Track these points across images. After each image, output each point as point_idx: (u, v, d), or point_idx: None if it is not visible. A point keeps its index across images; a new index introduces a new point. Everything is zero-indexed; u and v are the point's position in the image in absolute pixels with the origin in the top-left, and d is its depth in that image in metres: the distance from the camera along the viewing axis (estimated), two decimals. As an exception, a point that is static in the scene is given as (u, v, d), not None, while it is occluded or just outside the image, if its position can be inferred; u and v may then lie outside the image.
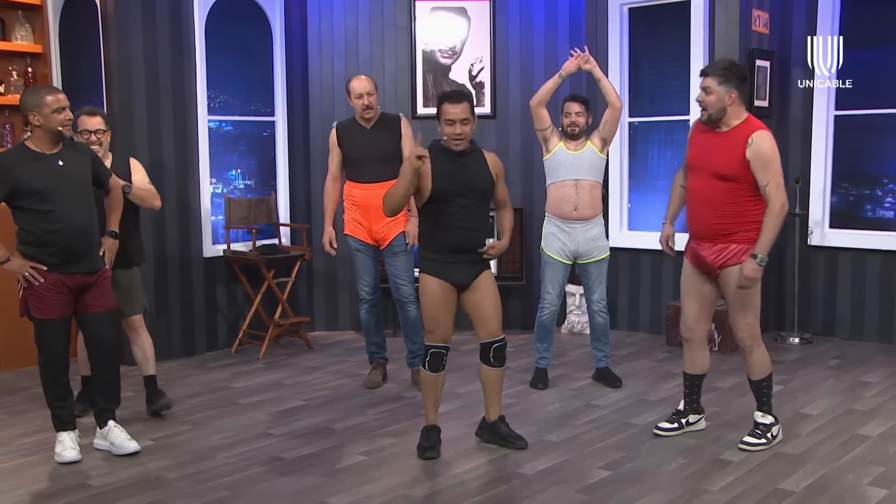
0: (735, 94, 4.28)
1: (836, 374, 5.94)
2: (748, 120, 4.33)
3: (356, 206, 5.68)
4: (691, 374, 4.74)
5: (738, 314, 4.45)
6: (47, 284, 4.29)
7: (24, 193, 4.23)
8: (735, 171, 4.26)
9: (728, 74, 4.28)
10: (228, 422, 5.08)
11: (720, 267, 4.40)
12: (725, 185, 4.29)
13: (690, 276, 4.59)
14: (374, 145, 5.61)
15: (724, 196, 4.30)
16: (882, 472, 4.19)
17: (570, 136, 5.58)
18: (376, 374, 5.88)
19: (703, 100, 4.33)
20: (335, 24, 7.42)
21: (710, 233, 4.39)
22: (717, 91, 4.27)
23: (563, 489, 4.03)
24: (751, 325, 4.45)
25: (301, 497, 3.96)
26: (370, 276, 5.76)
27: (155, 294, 6.41)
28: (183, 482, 4.15)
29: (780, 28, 7.22)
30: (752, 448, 4.48)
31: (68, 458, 4.39)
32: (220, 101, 6.92)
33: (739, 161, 4.24)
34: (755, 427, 4.57)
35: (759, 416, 4.58)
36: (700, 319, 4.61)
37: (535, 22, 7.47)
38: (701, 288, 4.56)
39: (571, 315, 7.45)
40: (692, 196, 4.47)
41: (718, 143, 4.33)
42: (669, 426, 4.77)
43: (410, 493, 4.00)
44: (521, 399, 5.38)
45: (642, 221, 7.41)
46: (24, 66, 6.71)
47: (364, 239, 5.70)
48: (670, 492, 3.97)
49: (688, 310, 4.63)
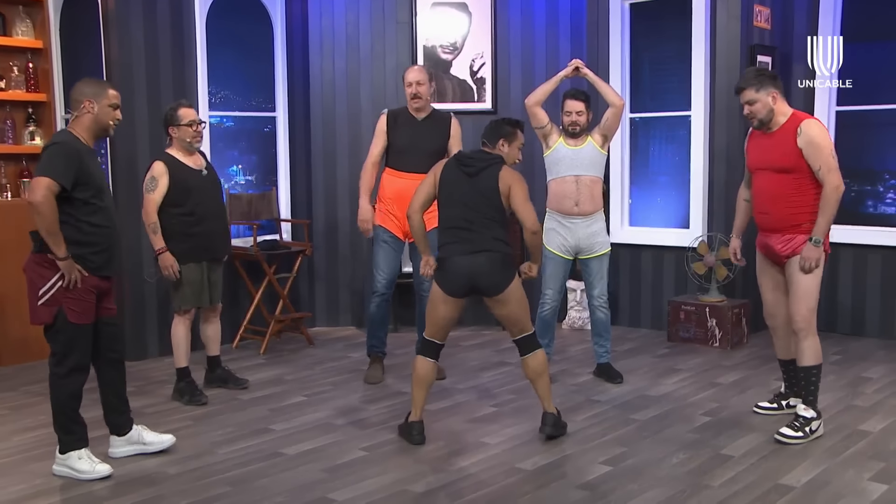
0: (775, 92, 4.51)
1: (837, 369, 5.93)
2: (794, 114, 4.56)
3: (392, 198, 5.67)
4: (785, 360, 4.93)
5: (797, 302, 4.58)
6: (87, 287, 4.13)
7: (84, 184, 4.06)
8: (792, 161, 4.47)
9: (761, 79, 4.52)
10: (229, 417, 5.08)
11: (788, 256, 4.58)
12: (787, 178, 4.50)
13: (763, 266, 4.83)
14: (422, 137, 5.64)
15: (788, 188, 4.51)
16: (883, 467, 4.18)
17: (570, 135, 5.58)
18: (377, 368, 5.88)
19: (750, 111, 4.56)
20: (336, 20, 7.41)
21: (779, 224, 4.58)
22: (760, 98, 4.50)
23: (564, 484, 4.03)
24: (808, 314, 4.57)
25: (302, 492, 3.96)
26: (390, 270, 5.75)
27: (156, 290, 6.42)
28: (184, 478, 4.15)
29: (781, 23, 7.21)
30: (788, 440, 4.52)
31: (105, 472, 4.14)
32: (221, 96, 6.91)
33: (794, 152, 4.46)
34: (794, 419, 4.61)
35: (802, 408, 4.62)
36: (778, 306, 4.81)
37: (536, 17, 7.46)
38: (774, 277, 4.78)
39: (572, 311, 7.45)
40: (759, 194, 4.68)
41: (772, 141, 4.57)
42: (769, 405, 4.99)
43: (411, 489, 4.00)
44: (522, 394, 5.37)
45: (643, 217, 7.40)
46: (25, 62, 6.69)
47: (394, 231, 5.71)
48: (671, 487, 3.96)
49: (766, 299, 4.86)
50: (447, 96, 7.40)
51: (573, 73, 5.67)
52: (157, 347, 6.49)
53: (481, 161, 4.52)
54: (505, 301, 4.46)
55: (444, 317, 4.51)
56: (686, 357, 6.42)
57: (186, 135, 5.24)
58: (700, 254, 6.85)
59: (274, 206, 7.16)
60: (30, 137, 6.63)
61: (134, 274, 6.33)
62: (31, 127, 6.66)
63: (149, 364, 6.32)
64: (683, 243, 7.07)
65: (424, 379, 4.57)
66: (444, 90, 7.39)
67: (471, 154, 4.59)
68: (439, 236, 4.56)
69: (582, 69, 5.65)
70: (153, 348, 6.49)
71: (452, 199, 4.50)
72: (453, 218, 4.48)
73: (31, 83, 6.67)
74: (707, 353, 6.55)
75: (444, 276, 4.47)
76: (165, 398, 5.45)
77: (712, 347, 6.70)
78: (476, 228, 4.43)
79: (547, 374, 4.61)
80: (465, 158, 4.56)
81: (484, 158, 4.53)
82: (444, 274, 4.47)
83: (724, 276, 6.73)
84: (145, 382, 5.83)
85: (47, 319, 4.09)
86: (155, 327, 6.48)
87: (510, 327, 4.57)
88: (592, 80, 5.67)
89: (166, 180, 5.17)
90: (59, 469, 4.18)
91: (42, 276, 4.08)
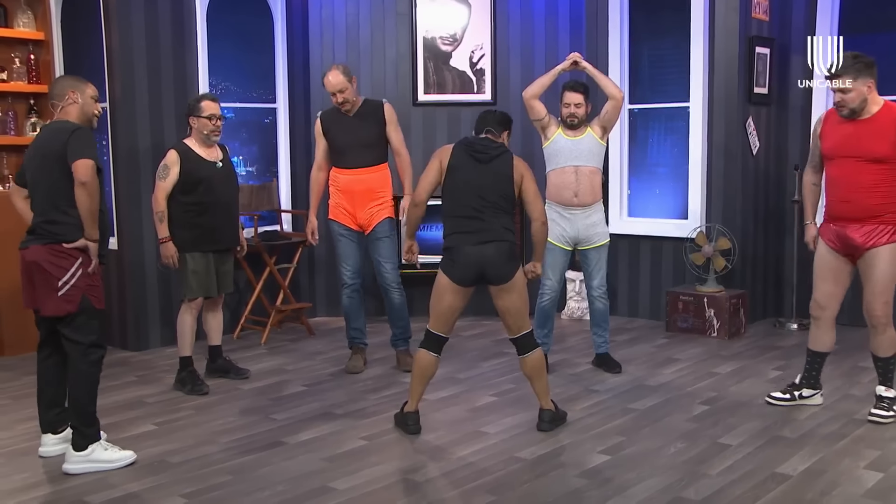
0: (871, 81, 4.45)
1: (833, 360, 5.92)
2: (887, 104, 4.51)
3: (341, 192, 5.71)
4: (816, 352, 4.90)
5: (878, 293, 4.57)
6: (98, 272, 4.16)
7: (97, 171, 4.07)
8: (888, 152, 4.43)
9: (860, 67, 4.44)
10: (230, 407, 5.10)
11: (870, 247, 4.53)
12: (877, 168, 4.46)
13: (827, 257, 4.73)
14: (357, 132, 5.65)
15: (876, 178, 4.47)
16: (878, 455, 4.20)
17: (569, 126, 5.58)
18: (358, 359, 5.90)
19: (842, 99, 4.48)
20: (336, 12, 7.40)
21: (862, 214, 4.52)
22: (856, 86, 4.43)
23: (563, 473, 4.04)
24: (888, 304, 4.58)
25: (302, 481, 3.97)
26: (353, 261, 5.79)
27: (158, 280, 6.43)
28: (186, 466, 4.16)
29: (779, 15, 7.20)
30: (883, 420, 4.62)
31: (132, 455, 4.18)
32: (221, 88, 6.91)
33: (892, 142, 4.41)
34: (880, 401, 4.70)
35: (883, 390, 4.71)
36: (832, 299, 4.75)
37: (535, 9, 7.45)
38: (838, 269, 4.71)
39: (571, 301, 7.46)
40: (837, 182, 4.60)
41: (866, 129, 4.48)
42: (782, 396, 4.97)
43: (411, 478, 4.01)
44: (521, 384, 5.38)
45: (642, 208, 7.40)
46: (27, 53, 6.70)
47: (348, 224, 5.74)
48: (669, 476, 3.98)
49: (821, 289, 4.77)
50: (447, 87, 7.40)
51: (571, 67, 5.66)
52: (159, 338, 6.50)
53: (493, 149, 4.48)
54: (509, 290, 4.44)
55: (451, 306, 4.46)
56: (684, 347, 6.43)
57: (205, 127, 5.27)
58: (698, 244, 6.85)
59: (274, 197, 7.16)
60: (31, 129, 6.63)
61: (135, 265, 6.33)
62: (33, 118, 6.67)
63: (151, 354, 6.34)
64: (682, 234, 7.08)
65: (425, 372, 4.55)
66: (444, 81, 7.39)
67: (481, 141, 4.53)
68: (446, 224, 4.49)
69: (580, 63, 5.64)
70: (155, 339, 6.50)
71: (461, 185, 4.44)
72: (462, 206, 4.42)
73: (32, 75, 6.68)
74: (705, 342, 6.56)
75: (453, 265, 4.41)
76: (167, 387, 5.47)
77: (710, 337, 6.71)
78: (485, 217, 4.39)
79: (544, 371, 4.61)
80: (477, 145, 4.50)
81: (494, 146, 4.50)
82: (453, 263, 4.41)
83: (722, 266, 6.73)
84: (147, 372, 5.85)
85: (71, 308, 4.03)
86: (157, 318, 6.49)
87: (510, 321, 4.51)
88: (592, 74, 5.67)
89: (178, 169, 5.19)
90: (80, 467, 4.07)
91: (60, 267, 4.03)
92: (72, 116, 4.15)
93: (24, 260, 4.13)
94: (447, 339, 4.56)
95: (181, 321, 5.40)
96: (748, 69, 6.90)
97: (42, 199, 4.11)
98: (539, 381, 4.59)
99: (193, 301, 5.36)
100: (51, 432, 4.29)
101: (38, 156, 4.13)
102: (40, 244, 4.06)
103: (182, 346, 5.39)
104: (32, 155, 4.19)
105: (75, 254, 4.05)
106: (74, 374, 4.10)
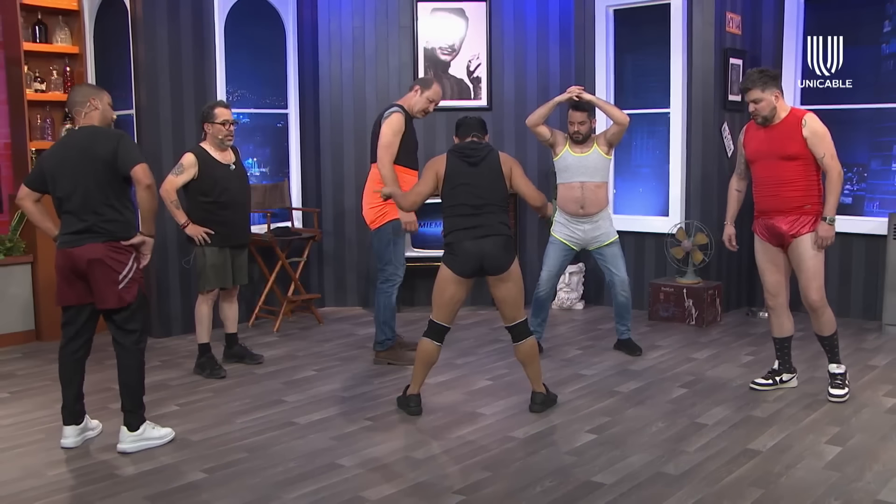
0: (777, 91, 4.61)
1: (800, 344, 5.95)
2: (793, 110, 4.68)
3: None
4: (780, 338, 4.93)
5: (809, 279, 4.63)
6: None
7: None
8: (798, 149, 4.57)
9: (765, 79, 4.59)
10: (246, 390, 5.12)
11: (794, 235, 4.63)
12: (793, 164, 4.59)
13: (764, 250, 4.82)
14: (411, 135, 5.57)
15: (793, 173, 4.60)
16: (838, 431, 4.23)
17: (575, 142, 5.60)
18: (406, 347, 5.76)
19: (755, 109, 4.64)
20: (343, 24, 7.40)
21: (786, 206, 4.63)
22: (765, 97, 4.59)
23: (553, 451, 4.06)
24: (821, 288, 4.65)
25: (313, 458, 3.99)
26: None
27: (179, 274, 6.45)
28: (205, 444, 4.18)
29: (751, 29, 7.22)
30: (840, 398, 4.70)
31: (172, 434, 4.23)
32: (237, 95, 6.91)
33: (800, 140, 4.56)
34: (833, 378, 4.76)
35: (834, 367, 4.77)
36: (779, 286, 4.81)
37: (527, 22, 7.46)
38: (776, 259, 4.78)
39: (561, 292, 7.47)
40: (763, 181, 4.71)
41: (777, 133, 4.63)
42: (764, 382, 4.97)
43: (412, 455, 4.03)
44: (514, 369, 5.40)
45: (627, 206, 7.41)
46: (63, 66, 6.74)
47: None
48: (651, 452, 4.00)
49: (768, 280, 4.83)
50: (446, 94, 7.38)
51: (570, 98, 5.56)
52: (181, 325, 6.52)
53: (482, 150, 4.53)
54: (506, 280, 4.46)
55: (453, 297, 4.48)
56: (665, 334, 6.45)
57: (219, 132, 5.27)
58: (678, 239, 6.87)
59: (286, 196, 7.17)
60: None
61: (158, 258, 6.35)
62: (68, 125, 6.67)
63: (174, 341, 6.35)
64: (663, 230, 7.10)
65: (427, 359, 4.57)
66: (443, 88, 7.38)
67: (469, 145, 4.56)
68: (446, 223, 4.52)
69: (582, 96, 5.57)
70: (177, 327, 6.52)
71: (459, 188, 4.47)
72: (461, 206, 4.46)
73: (68, 85, 6.71)
74: (684, 330, 6.58)
75: (455, 258, 4.44)
76: (188, 372, 5.49)
77: (689, 325, 6.73)
78: (483, 213, 4.44)
79: (537, 357, 4.63)
80: (468, 150, 4.53)
81: (481, 148, 4.55)
82: (455, 256, 4.44)
83: (700, 260, 6.76)
84: (171, 357, 5.87)
85: (130, 299, 4.04)
86: (179, 307, 6.51)
87: (506, 309, 4.53)
88: (596, 104, 5.64)
89: (193, 171, 5.21)
90: (135, 445, 4.07)
91: (120, 262, 4.01)
92: (95, 121, 4.11)
93: (76, 258, 3.97)
94: (449, 329, 4.56)
95: (199, 311, 5.42)
96: (723, 78, 6.92)
97: (89, 199, 3.97)
98: (532, 366, 4.61)
99: (210, 292, 5.38)
100: (73, 423, 4.17)
101: (78, 157, 3.97)
102: (100, 242, 3.99)
103: (200, 333, 5.41)
104: (66, 156, 3.99)
105: (131, 249, 4.06)
106: (128, 361, 4.09)
